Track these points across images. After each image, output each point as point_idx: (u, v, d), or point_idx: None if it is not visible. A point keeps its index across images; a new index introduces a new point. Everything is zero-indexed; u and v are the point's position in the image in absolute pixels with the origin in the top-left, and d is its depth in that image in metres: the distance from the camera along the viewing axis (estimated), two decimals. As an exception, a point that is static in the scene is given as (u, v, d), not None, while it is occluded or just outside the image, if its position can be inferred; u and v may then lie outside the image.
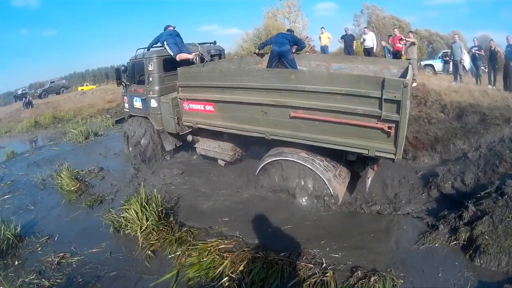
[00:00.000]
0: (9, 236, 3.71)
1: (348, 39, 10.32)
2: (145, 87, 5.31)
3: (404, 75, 3.91)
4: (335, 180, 3.61)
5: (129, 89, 5.87)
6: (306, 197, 3.75)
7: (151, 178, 5.12)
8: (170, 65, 5.09)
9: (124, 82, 5.98)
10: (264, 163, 3.96)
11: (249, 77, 3.79)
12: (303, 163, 3.61)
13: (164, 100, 4.91)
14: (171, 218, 3.65)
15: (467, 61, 9.16)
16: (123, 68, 6.11)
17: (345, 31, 10.79)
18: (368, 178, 3.67)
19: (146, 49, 5.38)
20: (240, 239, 3.28)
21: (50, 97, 28.38)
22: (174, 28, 5.44)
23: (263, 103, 3.66)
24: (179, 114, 4.78)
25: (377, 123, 3.00)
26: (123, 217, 3.66)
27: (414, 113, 5.92)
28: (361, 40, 10.29)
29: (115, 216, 3.77)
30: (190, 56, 5.00)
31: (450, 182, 4.17)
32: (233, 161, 5.09)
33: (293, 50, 5.87)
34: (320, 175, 3.56)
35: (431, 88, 6.83)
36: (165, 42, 5.11)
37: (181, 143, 5.60)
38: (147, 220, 3.44)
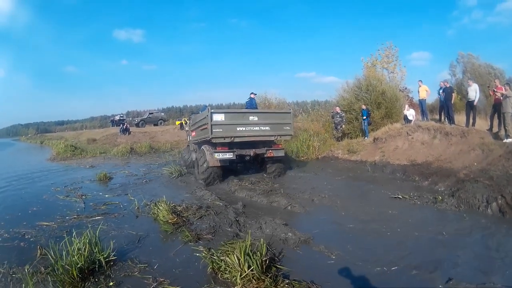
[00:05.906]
0: (101, 259, 3.83)
1: (447, 92, 9.97)
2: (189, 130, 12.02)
3: None
4: (210, 155, 8.49)
5: (189, 131, 12.38)
6: (202, 160, 8.87)
7: (253, 225, 5.21)
8: None
9: (185, 128, 14.08)
10: (200, 148, 9.53)
11: (196, 117, 10.36)
12: (202, 148, 9.04)
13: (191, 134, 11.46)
14: (273, 269, 3.62)
15: None
16: (184, 122, 15.78)
17: (444, 83, 10.46)
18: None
19: (196, 113, 11.86)
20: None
21: (147, 127, 30.18)
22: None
23: (199, 126, 9.48)
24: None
25: (206, 126, 8.27)
26: (223, 260, 3.71)
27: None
28: (466, 93, 9.72)
29: (215, 257, 3.84)
30: None
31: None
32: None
33: None
34: (205, 152, 8.70)
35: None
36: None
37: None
38: (248, 267, 3.44)
